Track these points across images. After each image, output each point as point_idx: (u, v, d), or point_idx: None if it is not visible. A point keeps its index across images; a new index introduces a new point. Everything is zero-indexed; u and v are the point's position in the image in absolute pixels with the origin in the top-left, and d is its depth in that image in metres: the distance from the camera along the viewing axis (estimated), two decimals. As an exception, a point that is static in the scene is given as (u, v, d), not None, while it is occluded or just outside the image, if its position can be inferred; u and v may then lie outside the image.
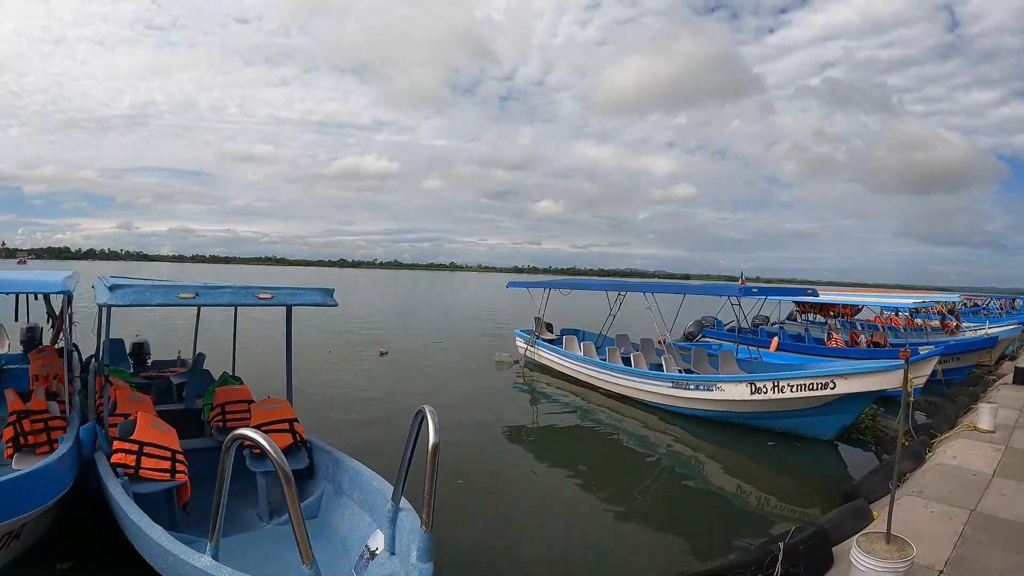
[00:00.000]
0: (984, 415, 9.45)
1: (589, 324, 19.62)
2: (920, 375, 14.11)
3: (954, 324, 22.29)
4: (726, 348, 20.53)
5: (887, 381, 9.89)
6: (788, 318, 27.56)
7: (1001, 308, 37.37)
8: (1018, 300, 41.03)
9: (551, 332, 19.80)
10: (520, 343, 19.49)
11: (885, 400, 11.06)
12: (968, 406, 12.78)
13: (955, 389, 16.04)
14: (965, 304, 37.19)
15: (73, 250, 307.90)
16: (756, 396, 11.01)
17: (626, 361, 14.85)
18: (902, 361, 9.66)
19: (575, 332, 19.91)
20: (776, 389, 10.72)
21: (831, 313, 25.11)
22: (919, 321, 25.45)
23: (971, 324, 27.63)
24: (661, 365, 13.94)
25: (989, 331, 19.52)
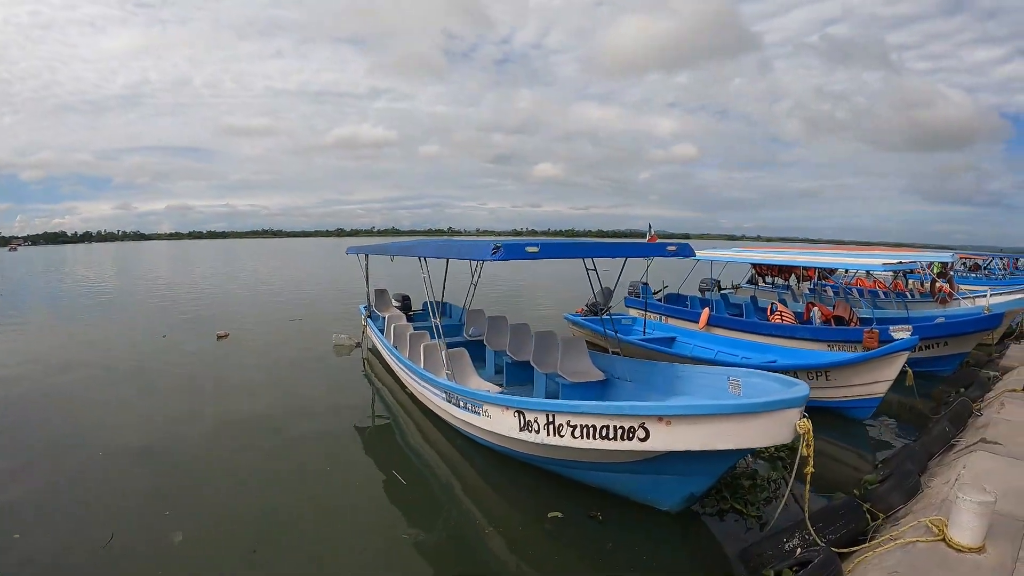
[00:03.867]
0: (964, 515, 4.35)
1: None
2: (880, 380, 9.22)
3: (947, 290, 17.01)
4: (624, 325, 15.60)
5: (759, 433, 4.92)
6: (749, 282, 22.64)
7: (1004, 269, 32.14)
8: (1022, 260, 35.68)
9: (408, 309, 14.86)
10: (363, 321, 14.72)
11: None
12: (950, 438, 7.78)
13: (937, 392, 11.00)
14: (964, 264, 32.00)
15: (69, 234, 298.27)
16: (527, 435, 6.23)
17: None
18: (795, 393, 4.60)
19: (443, 306, 15.08)
20: (552, 429, 5.86)
21: (793, 276, 20.13)
22: (914, 283, 20.33)
23: (969, 287, 22.59)
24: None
25: (991, 302, 14.30)
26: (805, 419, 4.85)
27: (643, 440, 5.19)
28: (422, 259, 9.41)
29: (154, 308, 23.32)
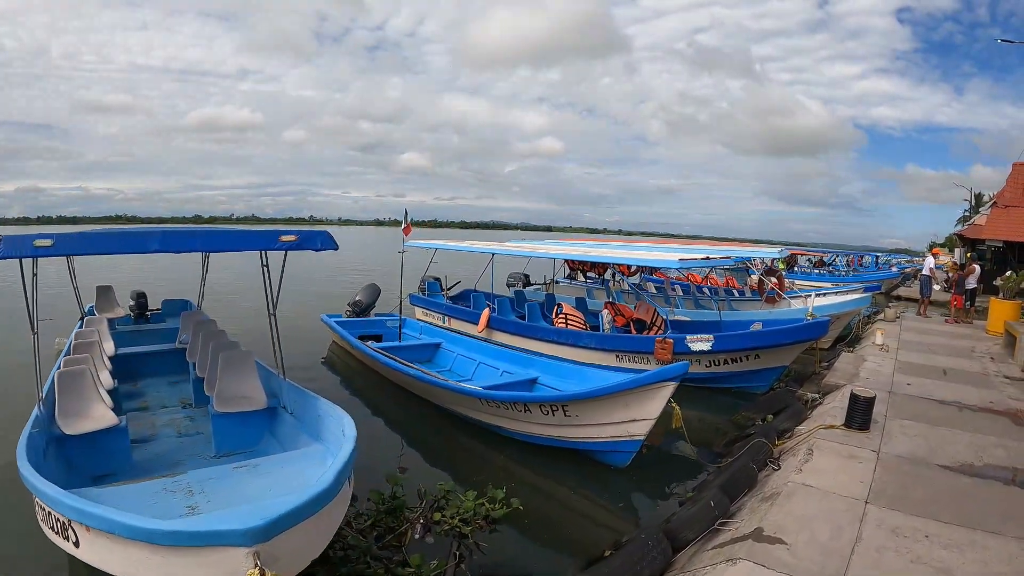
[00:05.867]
0: None
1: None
2: (636, 419, 6.01)
3: (775, 286, 14.43)
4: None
5: None
6: (567, 277, 19.72)
7: (848, 265, 31.59)
8: (867, 257, 35.75)
9: (144, 309, 11.73)
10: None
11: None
12: (717, 517, 4.51)
13: (740, 418, 7.98)
14: (809, 260, 31.11)
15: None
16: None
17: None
18: (243, 522, 2.78)
19: (181, 305, 12.01)
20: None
21: (609, 271, 17.33)
22: (754, 278, 18.03)
23: (812, 283, 20.85)
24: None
25: (818, 303, 11.73)
26: None
27: (76, 545, 3.50)
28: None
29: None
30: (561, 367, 8.16)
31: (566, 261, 18.06)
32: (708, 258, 10.44)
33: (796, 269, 28.02)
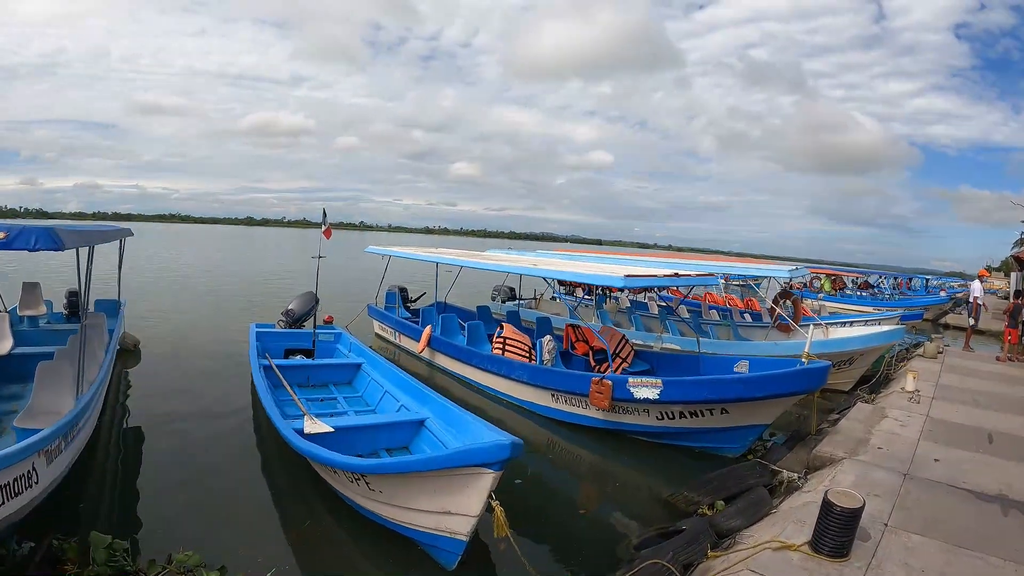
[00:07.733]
0: None
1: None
2: (452, 511, 3.95)
3: (790, 313, 12.05)
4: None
5: None
6: (565, 293, 18.00)
7: (895, 288, 28.51)
8: (916, 280, 32.33)
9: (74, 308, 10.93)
10: None
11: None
12: None
13: (680, 499, 5.91)
14: (854, 282, 28.19)
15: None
16: None
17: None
18: None
19: (112, 305, 11.22)
20: None
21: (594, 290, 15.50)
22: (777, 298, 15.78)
23: (855, 307, 18.39)
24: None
25: (836, 336, 9.45)
26: None
27: None
28: None
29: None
30: (449, 411, 6.17)
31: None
32: (677, 274, 8.29)
33: (838, 293, 25.43)
